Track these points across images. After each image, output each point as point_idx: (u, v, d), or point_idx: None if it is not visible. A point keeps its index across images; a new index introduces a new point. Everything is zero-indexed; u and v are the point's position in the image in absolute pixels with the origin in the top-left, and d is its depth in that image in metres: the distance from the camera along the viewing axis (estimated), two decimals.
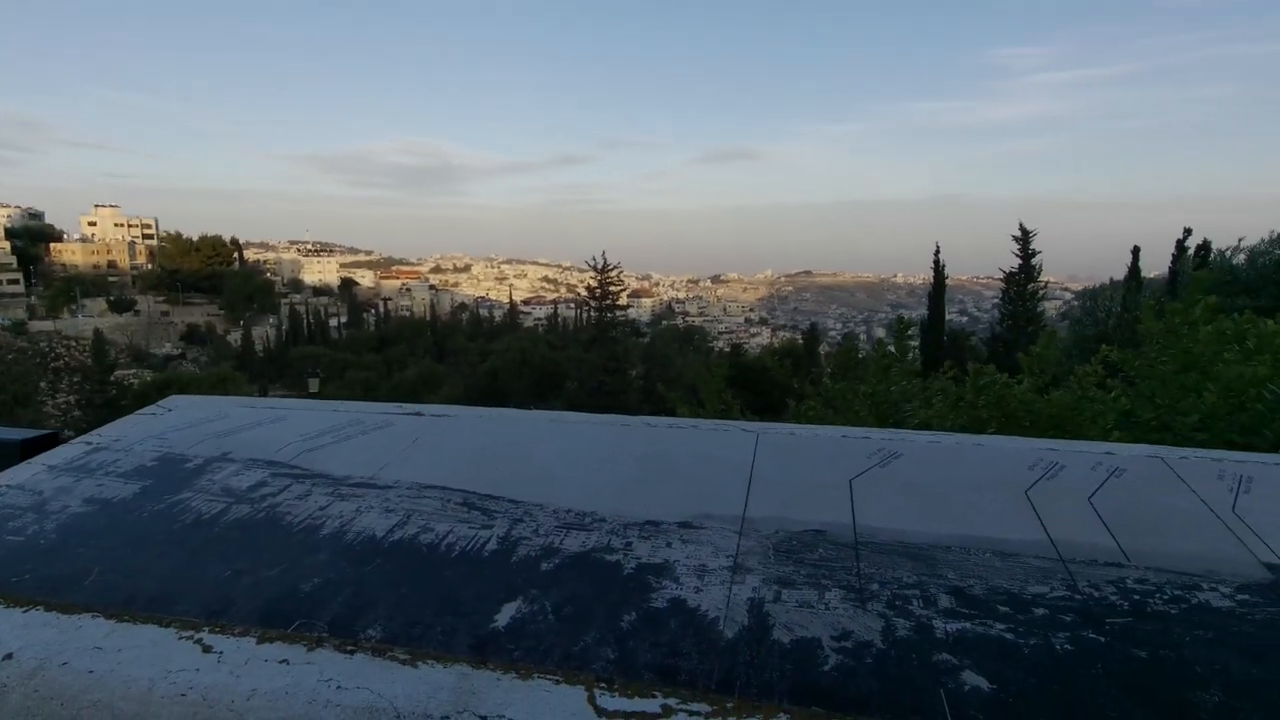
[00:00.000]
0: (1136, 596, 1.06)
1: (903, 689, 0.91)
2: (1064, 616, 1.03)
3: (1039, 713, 0.87)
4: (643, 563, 1.20)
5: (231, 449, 1.74)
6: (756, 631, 1.03)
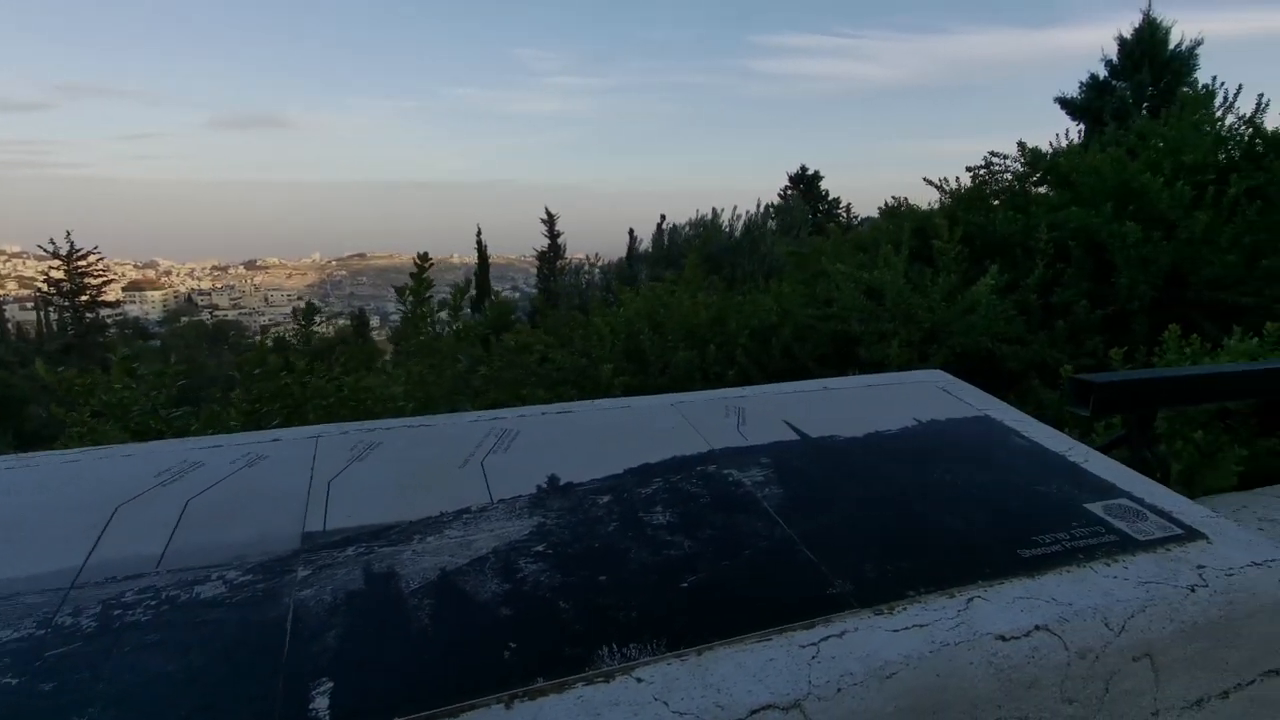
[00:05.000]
0: (117, 612, 0.99)
1: None
2: None
3: None
4: None
5: None
6: None
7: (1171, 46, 13.64)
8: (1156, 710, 1.15)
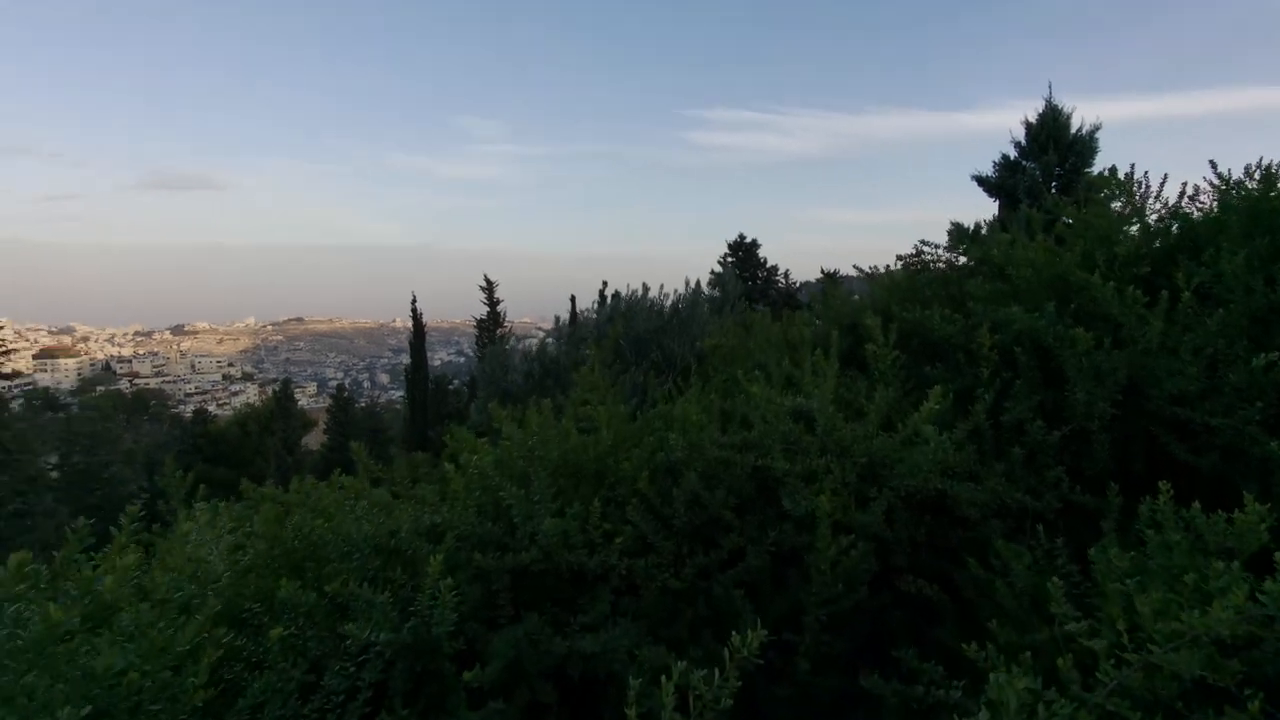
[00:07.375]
0: None
1: None
2: None
3: None
4: None
5: None
6: None
7: (1074, 130, 14.06)
8: None
